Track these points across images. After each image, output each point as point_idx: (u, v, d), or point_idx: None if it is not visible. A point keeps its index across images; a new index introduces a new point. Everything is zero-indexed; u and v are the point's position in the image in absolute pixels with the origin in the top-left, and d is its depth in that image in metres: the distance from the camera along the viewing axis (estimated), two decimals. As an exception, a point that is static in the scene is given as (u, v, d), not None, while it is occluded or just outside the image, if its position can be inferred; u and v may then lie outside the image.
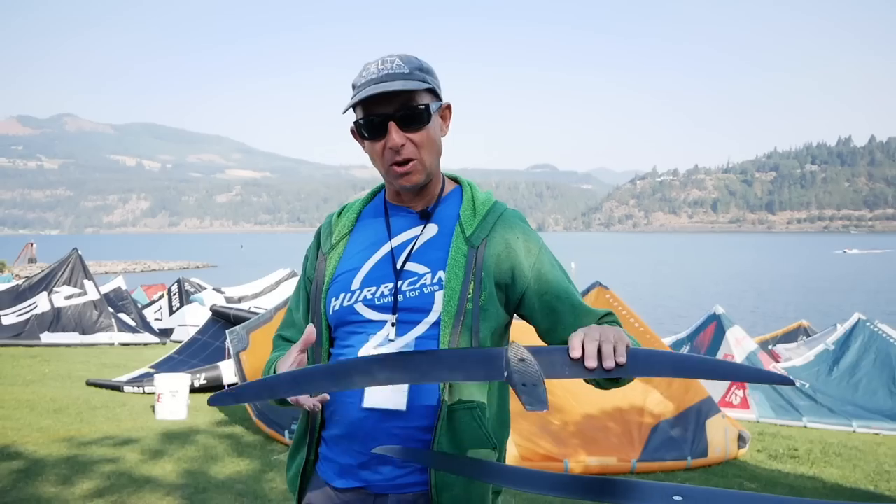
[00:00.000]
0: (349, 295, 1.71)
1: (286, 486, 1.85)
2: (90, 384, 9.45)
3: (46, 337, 13.74)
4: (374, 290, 1.69)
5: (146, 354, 12.58)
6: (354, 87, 1.68)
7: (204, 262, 76.23)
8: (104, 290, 16.29)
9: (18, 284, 15.30)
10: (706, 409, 6.65)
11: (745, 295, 39.04)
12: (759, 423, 8.73)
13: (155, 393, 7.70)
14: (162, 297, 19.11)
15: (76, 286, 14.74)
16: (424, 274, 1.68)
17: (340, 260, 1.79)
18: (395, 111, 1.63)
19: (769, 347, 12.69)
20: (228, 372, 9.04)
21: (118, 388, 9.18)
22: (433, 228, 1.75)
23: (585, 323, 1.62)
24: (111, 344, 14.20)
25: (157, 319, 17.64)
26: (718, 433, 6.52)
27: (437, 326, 1.63)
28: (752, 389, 9.06)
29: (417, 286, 1.67)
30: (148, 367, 9.91)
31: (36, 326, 13.90)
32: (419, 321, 1.65)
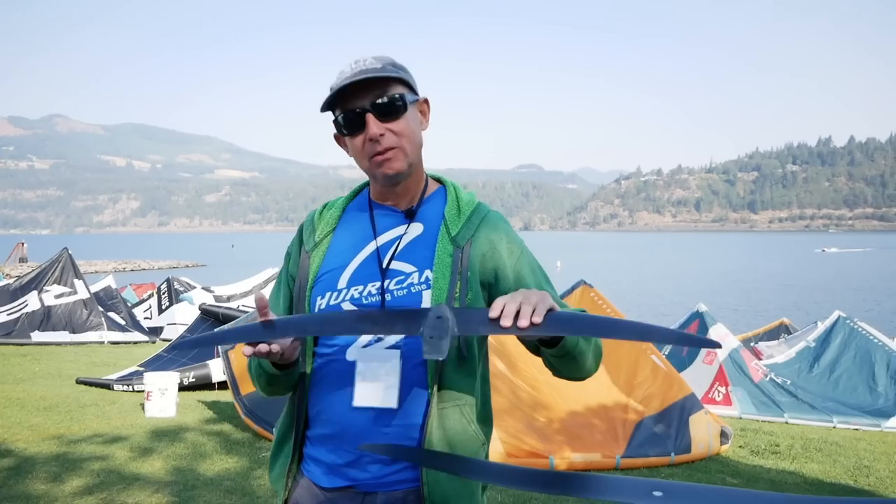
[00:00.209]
0: (336, 294, 1.70)
1: (272, 484, 1.88)
2: (80, 382, 9.47)
3: (37, 335, 13.74)
4: (361, 288, 1.69)
5: (136, 353, 12.58)
6: (331, 90, 1.69)
7: (193, 261, 75.99)
8: (94, 289, 16.29)
9: (9, 283, 15.28)
10: (689, 405, 6.67)
11: (727, 293, 39.24)
12: (741, 419, 8.76)
13: (144, 391, 7.73)
14: (151, 295, 19.10)
15: (66, 285, 14.73)
16: (411, 273, 1.68)
17: (325, 258, 1.77)
18: (371, 103, 1.65)
19: (751, 345, 12.72)
20: (217, 370, 9.10)
21: (108, 386, 9.20)
22: (418, 227, 1.75)
23: None
24: (101, 342, 14.20)
25: (146, 318, 17.62)
26: (701, 429, 6.53)
27: None
28: (734, 386, 9.13)
29: (405, 285, 1.67)
30: (137, 365, 9.91)
31: (26, 325, 13.90)
32: None
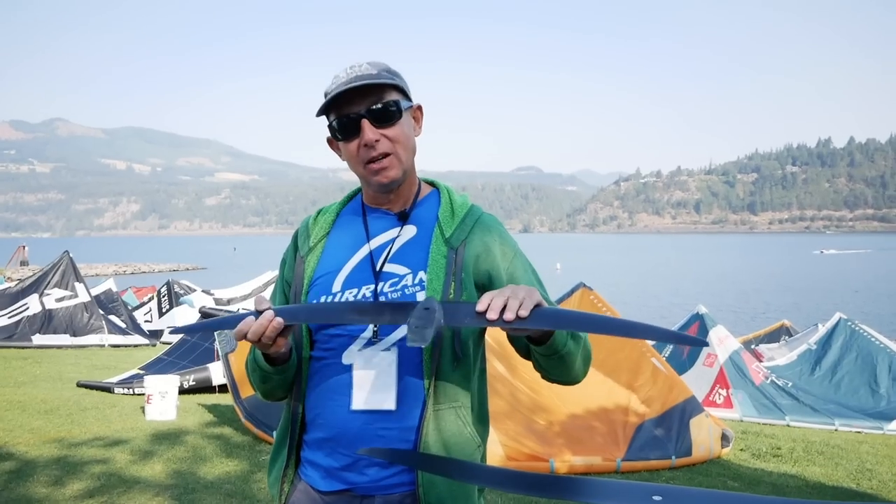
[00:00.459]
0: (330, 297, 1.71)
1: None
2: (81, 385, 9.46)
3: (37, 339, 13.76)
4: (355, 291, 1.69)
5: (136, 356, 12.59)
6: (326, 95, 1.70)
7: (193, 264, 76.08)
8: (95, 292, 16.34)
9: (10, 287, 15.29)
10: (690, 408, 6.63)
11: (727, 294, 39.16)
12: (742, 422, 8.73)
13: (145, 394, 7.72)
14: (152, 298, 19.11)
15: (67, 288, 14.76)
16: (405, 275, 1.68)
17: (319, 262, 1.78)
18: (366, 109, 1.66)
19: (752, 347, 12.70)
20: (217, 373, 9.09)
21: (108, 389, 9.20)
22: (411, 230, 1.75)
23: None
24: (101, 345, 14.20)
25: (146, 321, 17.62)
26: (702, 432, 6.50)
27: None
28: (735, 389, 9.10)
29: (399, 287, 1.66)
30: (138, 368, 9.94)
31: (27, 328, 13.92)
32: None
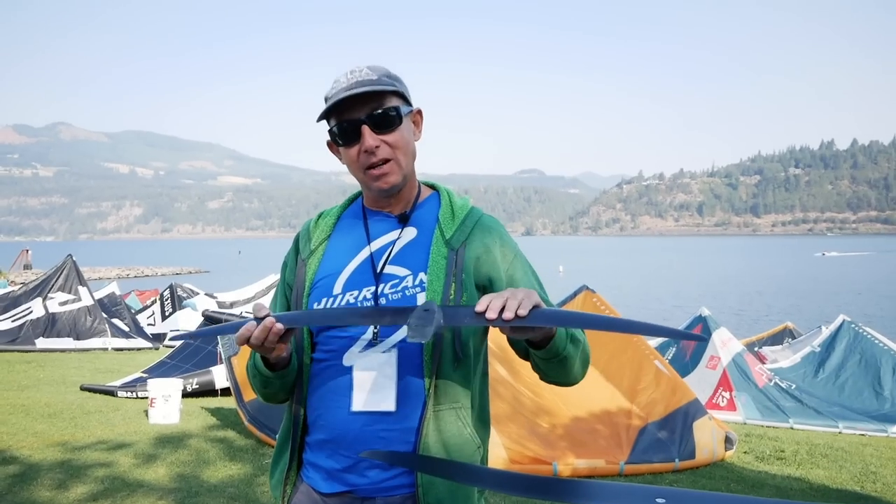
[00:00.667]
0: (331, 299, 1.71)
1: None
2: (84, 389, 9.48)
3: (41, 342, 13.76)
4: (356, 293, 1.70)
5: (139, 359, 12.61)
6: (327, 99, 1.70)
7: (196, 267, 76.11)
8: (98, 295, 16.36)
9: (14, 290, 15.32)
10: (693, 410, 6.63)
11: (730, 297, 39.03)
12: (745, 424, 8.70)
13: (148, 397, 7.74)
14: (155, 302, 19.10)
15: (70, 292, 14.76)
16: (405, 276, 1.68)
17: (320, 265, 1.79)
18: (366, 115, 1.66)
19: (755, 349, 12.66)
20: (220, 376, 9.11)
21: (112, 392, 9.22)
22: (411, 232, 1.76)
23: None
24: (105, 349, 14.21)
25: (150, 324, 17.63)
26: (706, 435, 6.50)
27: None
28: (738, 392, 9.08)
29: (399, 289, 1.67)
30: (141, 371, 9.95)
31: (31, 332, 13.93)
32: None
